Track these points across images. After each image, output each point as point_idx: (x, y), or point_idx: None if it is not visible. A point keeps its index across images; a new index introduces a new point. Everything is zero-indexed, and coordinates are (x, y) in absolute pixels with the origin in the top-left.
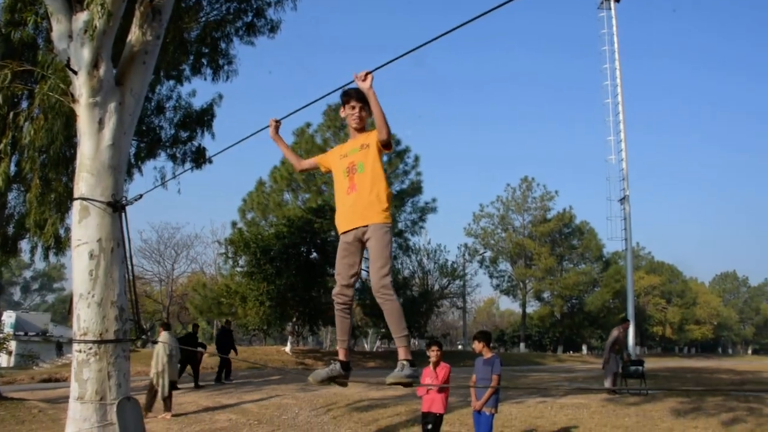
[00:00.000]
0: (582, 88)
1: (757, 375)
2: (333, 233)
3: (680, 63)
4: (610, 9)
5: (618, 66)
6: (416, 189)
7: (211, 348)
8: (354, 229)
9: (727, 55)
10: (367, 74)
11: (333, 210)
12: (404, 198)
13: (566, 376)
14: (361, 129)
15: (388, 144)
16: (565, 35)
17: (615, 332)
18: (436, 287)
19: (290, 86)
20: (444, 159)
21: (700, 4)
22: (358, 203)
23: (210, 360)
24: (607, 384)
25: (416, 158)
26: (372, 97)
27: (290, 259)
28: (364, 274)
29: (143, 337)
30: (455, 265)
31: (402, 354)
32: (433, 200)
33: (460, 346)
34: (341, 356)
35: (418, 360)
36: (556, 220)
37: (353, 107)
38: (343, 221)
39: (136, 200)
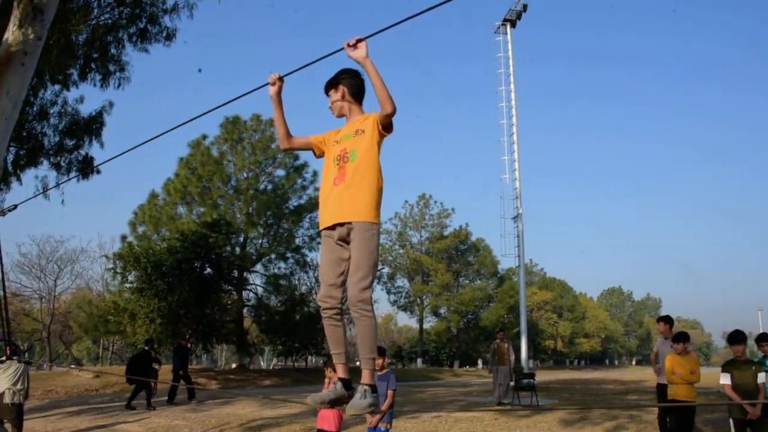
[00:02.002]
0: (481, 106)
1: (640, 384)
2: (228, 249)
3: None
4: (506, 34)
5: (513, 89)
6: (315, 205)
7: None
8: (338, 225)
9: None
10: (358, 41)
11: (229, 224)
12: (302, 213)
13: (462, 390)
14: (358, 113)
15: (389, 125)
16: (467, 53)
17: (493, 345)
18: None
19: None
20: None
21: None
22: (344, 196)
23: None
24: (495, 396)
25: (315, 173)
26: (370, 67)
27: (183, 275)
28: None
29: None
30: None
31: (366, 378)
32: None
33: (357, 363)
34: (340, 373)
35: (315, 377)
36: (453, 236)
37: (329, 98)
38: (326, 215)
39: (10, 210)
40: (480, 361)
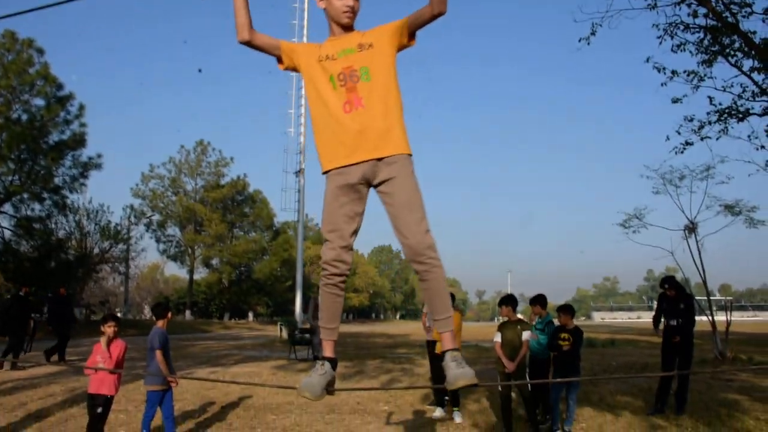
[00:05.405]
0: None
1: (406, 338)
2: None
3: None
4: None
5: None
6: (79, 141)
7: None
8: (362, 162)
9: None
10: None
11: None
12: (64, 150)
13: (234, 344)
14: (351, 27)
15: (413, 35)
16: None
17: (312, 301)
18: (96, 251)
19: None
20: (114, 113)
21: None
22: (368, 125)
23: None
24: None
25: (81, 107)
26: None
27: None
28: None
29: None
30: (119, 228)
31: (450, 342)
32: (99, 156)
33: (119, 314)
34: (329, 352)
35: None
36: (230, 186)
37: None
38: (341, 151)
39: None
40: (251, 314)
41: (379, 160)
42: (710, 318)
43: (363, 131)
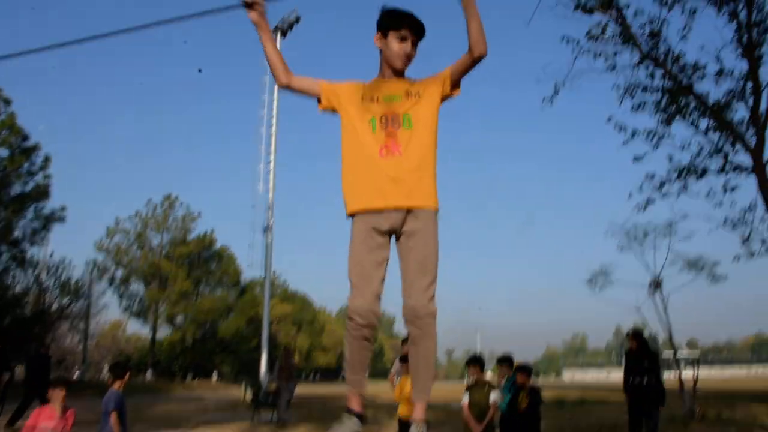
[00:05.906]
0: (244, 113)
1: (373, 400)
2: None
3: None
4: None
5: (276, 97)
6: (42, 193)
7: None
8: (391, 211)
9: None
10: None
11: None
12: (26, 202)
13: (197, 406)
14: (402, 73)
15: (457, 83)
16: (234, 55)
17: (278, 362)
18: (55, 307)
19: None
20: (81, 164)
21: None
22: (403, 173)
23: None
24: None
25: (46, 158)
26: (472, 2)
27: None
28: None
29: None
30: (80, 283)
31: (421, 412)
32: (62, 208)
33: (77, 373)
34: (355, 405)
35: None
36: (197, 242)
37: (403, 38)
38: (373, 194)
39: None
40: (215, 374)
41: (409, 211)
42: (678, 374)
43: (396, 178)
